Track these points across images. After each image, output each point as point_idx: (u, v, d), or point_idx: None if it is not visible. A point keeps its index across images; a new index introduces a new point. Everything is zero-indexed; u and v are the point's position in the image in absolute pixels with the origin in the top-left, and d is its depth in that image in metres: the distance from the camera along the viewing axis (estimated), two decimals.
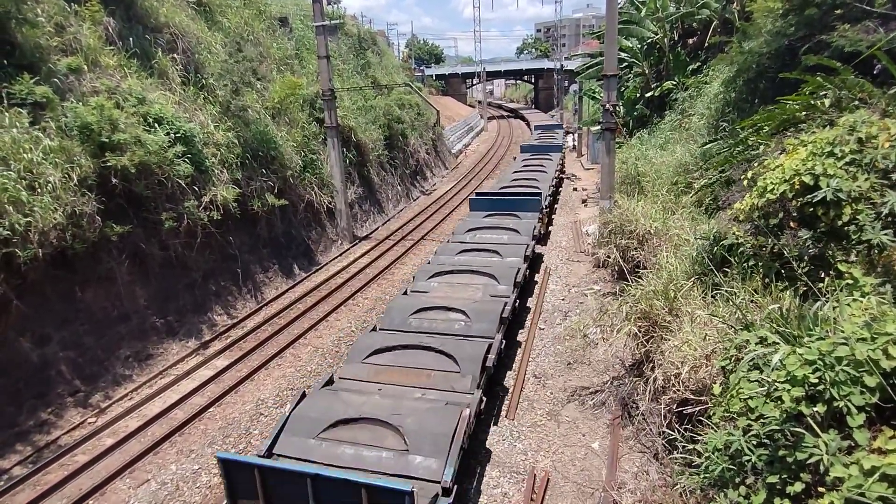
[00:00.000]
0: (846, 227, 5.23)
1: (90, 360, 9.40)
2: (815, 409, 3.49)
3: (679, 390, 5.98)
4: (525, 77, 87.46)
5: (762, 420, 3.75)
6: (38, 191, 8.77)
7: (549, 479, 7.07)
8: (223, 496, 5.80)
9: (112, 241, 9.99)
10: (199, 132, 12.50)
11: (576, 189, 24.21)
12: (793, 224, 5.89)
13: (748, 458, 3.71)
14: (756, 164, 7.00)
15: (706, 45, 20.03)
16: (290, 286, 14.49)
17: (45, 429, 8.27)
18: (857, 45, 8.64)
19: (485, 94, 67.60)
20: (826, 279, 5.12)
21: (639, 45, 22.46)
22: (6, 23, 9.60)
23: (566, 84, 61.60)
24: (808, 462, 3.36)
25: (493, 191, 17.55)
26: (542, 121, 52.65)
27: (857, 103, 7.07)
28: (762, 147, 7.93)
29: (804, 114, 7.51)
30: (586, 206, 21.25)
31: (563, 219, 20.09)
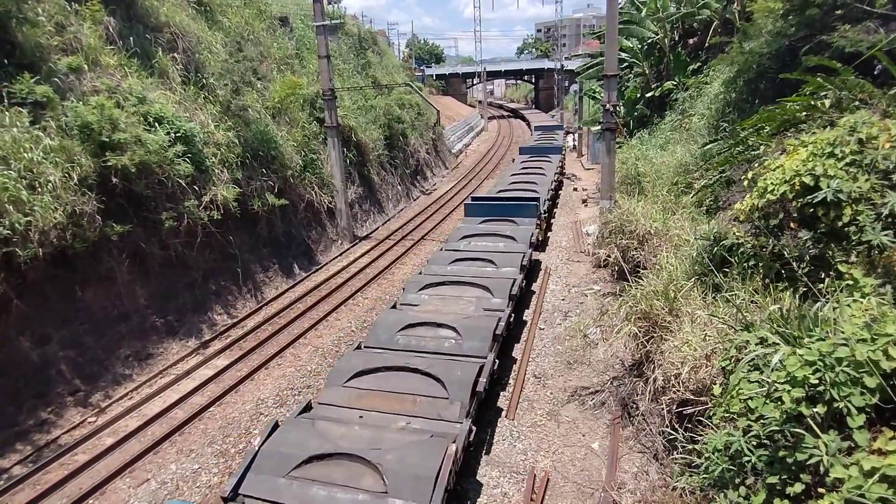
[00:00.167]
0: (846, 228, 5.23)
1: (90, 360, 9.40)
2: (815, 409, 3.49)
3: (679, 391, 5.98)
4: (525, 77, 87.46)
5: (762, 421, 3.75)
6: (39, 190, 8.77)
7: (548, 479, 7.07)
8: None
9: (112, 240, 9.99)
10: (199, 132, 12.51)
11: (576, 189, 24.23)
12: (793, 225, 5.89)
13: (748, 458, 3.72)
14: (756, 165, 7.00)
15: (706, 45, 20.02)
16: (291, 286, 14.50)
17: (45, 428, 8.27)
18: (858, 46, 8.64)
19: (485, 93, 67.56)
20: (826, 280, 5.13)
21: (639, 46, 22.47)
22: (7, 22, 9.61)
23: (566, 84, 61.57)
24: (808, 463, 3.37)
25: (489, 195, 17.07)
26: (543, 121, 52.45)
27: (857, 104, 7.07)
28: (762, 147, 7.93)
29: (804, 114, 7.51)
30: (586, 206, 21.26)
31: (564, 219, 20.10)
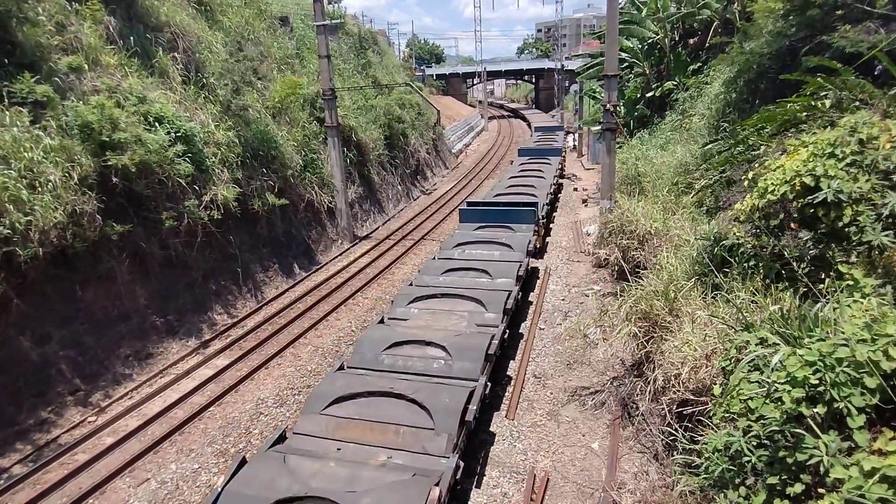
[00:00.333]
0: (847, 229, 5.23)
1: (90, 359, 9.40)
2: (815, 410, 3.49)
3: (679, 391, 5.98)
4: (526, 77, 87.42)
5: (762, 421, 3.75)
6: (39, 189, 8.77)
7: (548, 479, 7.07)
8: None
9: (112, 240, 9.99)
10: (199, 131, 12.51)
11: (576, 189, 24.23)
12: (793, 225, 5.89)
13: (748, 458, 3.71)
14: (757, 165, 7.00)
15: (707, 45, 20.02)
16: (291, 285, 14.50)
17: (45, 427, 8.27)
18: (858, 46, 8.64)
19: (485, 93, 67.50)
20: (826, 280, 5.13)
21: (639, 46, 22.46)
22: (7, 21, 9.61)
23: (567, 84, 61.52)
24: (808, 463, 3.37)
25: (485, 200, 16.38)
26: (543, 121, 52.23)
27: (857, 104, 7.07)
28: (763, 148, 7.93)
29: (805, 114, 7.51)
30: (587, 206, 21.26)
31: (564, 219, 20.10)
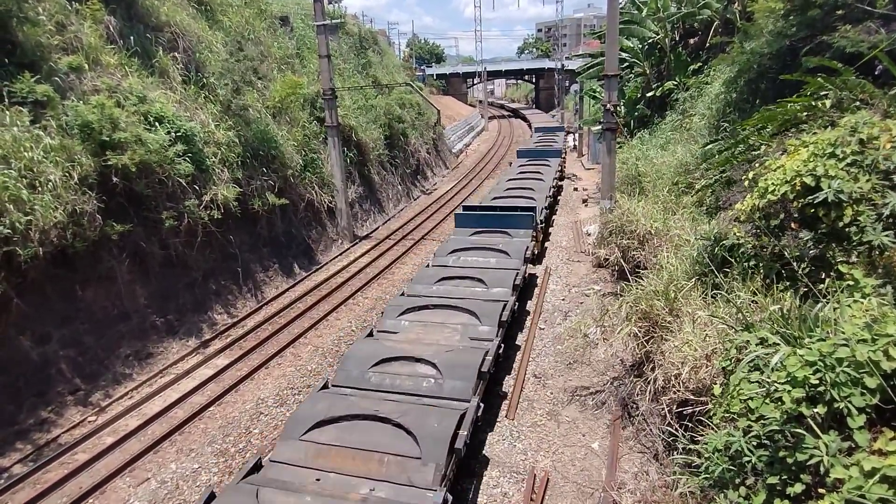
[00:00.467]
0: (847, 229, 5.23)
1: (90, 359, 9.40)
2: (815, 410, 3.49)
3: (679, 391, 5.98)
4: (526, 77, 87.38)
5: (762, 421, 3.75)
6: (39, 189, 8.78)
7: (548, 479, 7.07)
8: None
9: (112, 239, 9.99)
10: (199, 131, 12.51)
11: (576, 189, 24.23)
12: (794, 225, 5.89)
13: (748, 458, 3.71)
14: (757, 165, 7.00)
15: (707, 45, 20.00)
16: (291, 285, 14.50)
17: (45, 427, 8.27)
18: (859, 46, 8.63)
19: (485, 93, 67.47)
20: (827, 280, 5.13)
21: (640, 45, 22.45)
22: (7, 21, 9.61)
23: (567, 84, 61.50)
24: (808, 463, 3.36)
25: (481, 204, 15.75)
26: (543, 122, 52.10)
27: (858, 104, 7.07)
28: (763, 147, 7.93)
29: (805, 114, 7.51)
30: (587, 205, 21.25)
31: (564, 219, 20.10)
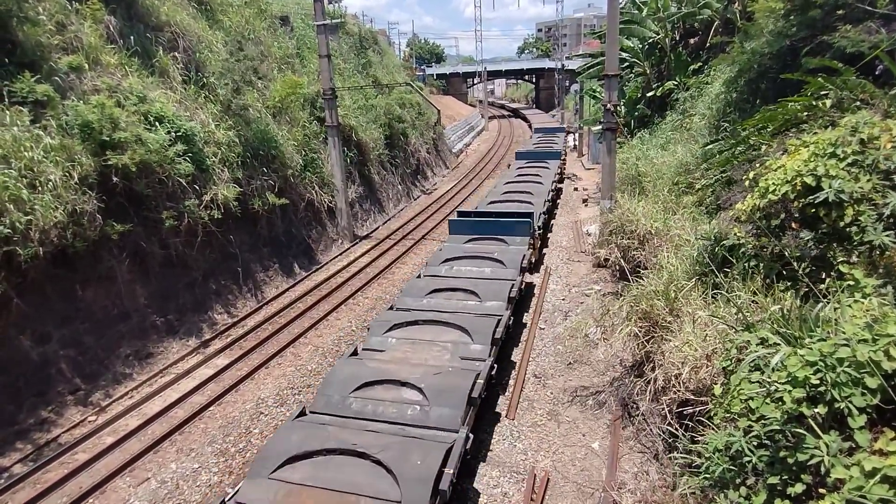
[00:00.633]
0: (848, 229, 5.23)
1: (90, 359, 9.40)
2: (816, 410, 3.49)
3: (679, 391, 5.98)
4: (526, 77, 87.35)
5: (763, 421, 3.75)
6: (39, 189, 8.78)
7: (549, 478, 7.06)
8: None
9: (112, 239, 9.99)
10: (199, 131, 12.51)
11: (576, 189, 24.22)
12: (794, 225, 5.89)
13: (749, 458, 3.71)
14: (758, 165, 7.00)
15: (707, 45, 19.99)
16: (291, 285, 14.50)
17: (45, 427, 8.27)
18: (860, 46, 8.62)
19: (486, 93, 67.46)
20: (827, 280, 5.13)
21: (640, 45, 22.43)
22: (7, 21, 9.61)
23: (567, 84, 61.50)
24: (808, 463, 3.36)
25: (476, 210, 15.20)
26: (543, 122, 51.90)
27: (858, 104, 7.07)
28: (764, 147, 7.93)
29: (806, 114, 7.51)
30: (587, 205, 21.25)
31: (564, 218, 20.10)
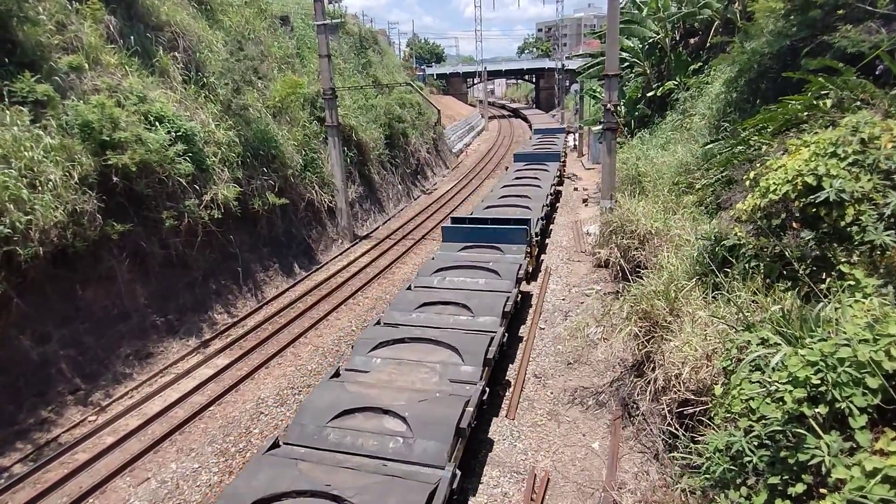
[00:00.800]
0: (849, 228, 5.23)
1: (90, 359, 9.40)
2: (816, 410, 3.49)
3: (680, 391, 5.98)
4: (526, 76, 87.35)
5: (763, 421, 3.74)
6: (39, 189, 8.77)
7: (549, 478, 7.06)
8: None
9: (113, 239, 9.99)
10: (199, 131, 12.51)
11: (577, 189, 24.22)
12: (795, 224, 5.88)
13: (749, 458, 3.71)
14: (758, 165, 6.99)
15: (708, 45, 19.97)
16: (291, 285, 14.49)
17: (45, 427, 8.27)
18: (860, 46, 8.61)
19: (486, 93, 67.48)
20: (828, 280, 5.12)
21: (640, 45, 22.42)
22: (7, 21, 9.60)
23: (567, 84, 61.49)
24: (809, 463, 3.36)
25: (471, 216, 14.31)
26: (543, 122, 51.67)
27: (858, 104, 7.06)
28: (764, 147, 7.92)
29: (806, 114, 7.51)
30: (587, 205, 21.25)
31: (564, 218, 20.10)
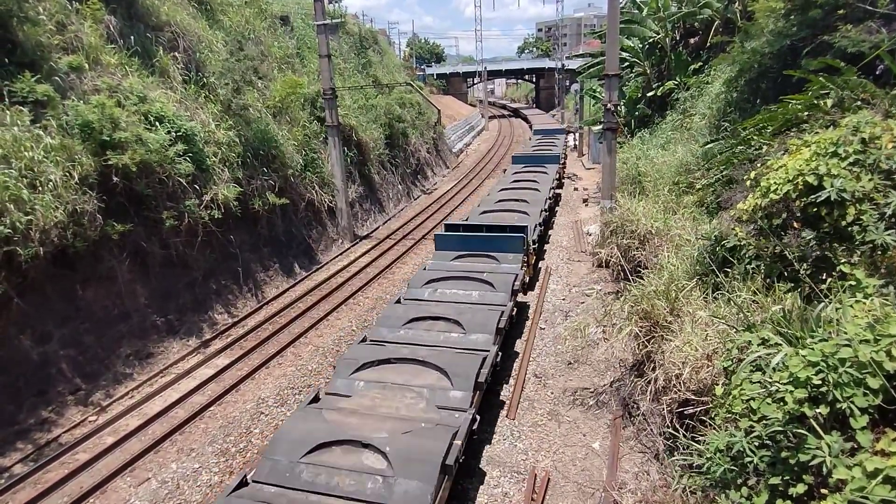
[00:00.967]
0: (850, 228, 5.23)
1: (91, 359, 9.40)
2: (817, 410, 3.48)
3: (680, 391, 5.97)
4: (526, 76, 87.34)
5: (764, 421, 3.74)
6: (40, 189, 8.77)
7: (549, 478, 7.06)
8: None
9: (113, 239, 9.98)
10: (200, 131, 12.51)
11: (577, 189, 24.23)
12: (796, 224, 5.88)
13: (750, 459, 3.70)
14: (759, 164, 6.99)
15: (708, 44, 19.97)
16: (291, 285, 14.49)
17: (45, 427, 8.27)
18: (860, 46, 8.61)
19: (486, 93, 67.49)
20: (829, 280, 5.12)
21: (640, 45, 22.42)
22: (7, 21, 9.60)
23: (567, 83, 61.49)
24: (810, 464, 3.36)
25: (465, 223, 13.64)
26: (544, 123, 51.22)
27: (859, 104, 7.06)
28: (764, 147, 7.92)
29: (807, 114, 7.50)
30: (587, 205, 21.25)
31: (564, 218, 20.10)
